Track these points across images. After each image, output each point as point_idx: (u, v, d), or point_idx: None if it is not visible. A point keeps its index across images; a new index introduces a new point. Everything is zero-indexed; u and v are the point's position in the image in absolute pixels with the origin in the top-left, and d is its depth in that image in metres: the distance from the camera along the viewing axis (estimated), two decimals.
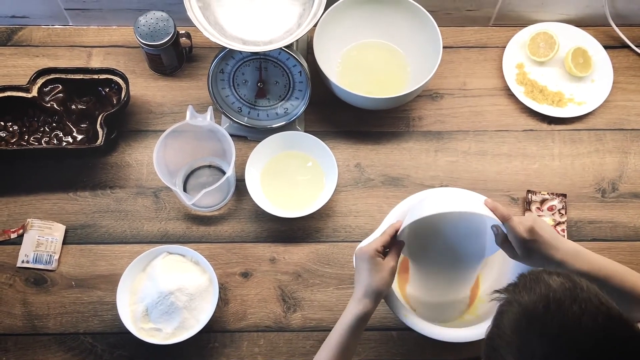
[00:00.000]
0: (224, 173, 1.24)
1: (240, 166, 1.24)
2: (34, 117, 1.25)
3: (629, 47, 1.36)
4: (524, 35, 1.36)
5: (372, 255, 0.95)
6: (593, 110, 1.31)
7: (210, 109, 1.16)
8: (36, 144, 1.24)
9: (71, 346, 1.15)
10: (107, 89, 1.26)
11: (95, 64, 1.34)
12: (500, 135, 1.30)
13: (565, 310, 0.67)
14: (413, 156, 1.28)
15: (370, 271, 0.94)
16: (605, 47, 1.35)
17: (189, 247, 1.15)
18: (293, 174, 1.25)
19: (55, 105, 1.25)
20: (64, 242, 1.21)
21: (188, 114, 1.15)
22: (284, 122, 1.25)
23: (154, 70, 1.34)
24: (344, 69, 1.33)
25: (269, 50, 1.10)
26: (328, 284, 1.19)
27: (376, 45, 1.35)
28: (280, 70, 1.20)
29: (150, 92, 1.32)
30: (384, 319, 1.16)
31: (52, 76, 1.24)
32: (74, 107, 1.26)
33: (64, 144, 1.25)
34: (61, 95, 1.25)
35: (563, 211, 1.22)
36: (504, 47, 1.36)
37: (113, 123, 1.24)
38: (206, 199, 1.18)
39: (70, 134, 1.26)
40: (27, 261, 1.18)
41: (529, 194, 1.24)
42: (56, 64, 1.33)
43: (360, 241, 1.04)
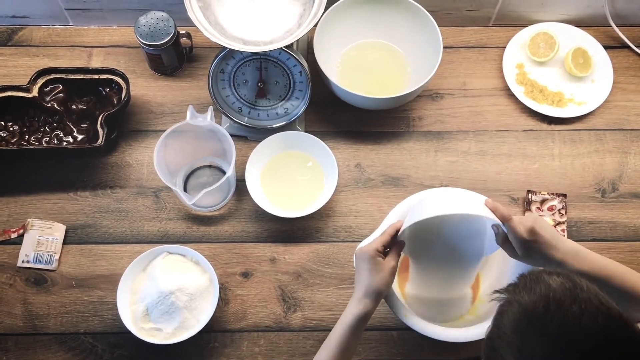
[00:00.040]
0: (224, 173, 1.24)
1: (240, 166, 1.24)
2: (35, 117, 1.25)
3: (629, 47, 1.36)
4: (524, 35, 1.36)
5: (372, 255, 0.95)
6: (593, 111, 1.31)
7: (210, 109, 1.17)
8: (36, 143, 1.24)
9: (71, 346, 1.15)
10: (107, 89, 1.26)
11: (96, 64, 1.34)
12: (500, 135, 1.30)
13: (565, 310, 0.67)
14: (413, 156, 1.28)
15: (371, 271, 0.95)
16: (605, 47, 1.35)
17: (189, 247, 1.15)
18: (293, 174, 1.25)
19: (55, 105, 1.25)
20: (65, 242, 1.21)
21: (188, 114, 1.15)
22: (284, 122, 1.25)
23: (154, 70, 1.34)
24: (344, 69, 1.33)
25: (269, 50, 1.10)
26: (328, 284, 1.19)
27: (376, 45, 1.35)
28: (280, 70, 1.20)
29: (151, 92, 1.32)
30: (384, 319, 1.16)
31: (52, 76, 1.24)
32: (74, 107, 1.26)
33: (65, 144, 1.25)
34: (62, 95, 1.25)
35: (563, 211, 1.22)
36: (504, 47, 1.36)
37: (113, 123, 1.24)
38: (206, 199, 1.18)
39: (70, 133, 1.26)
40: (28, 261, 1.19)
41: (529, 194, 1.24)
42: (57, 64, 1.33)
43: (361, 241, 1.04)
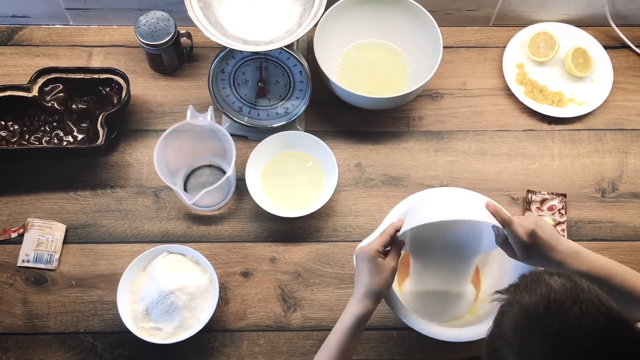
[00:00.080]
0: (224, 173, 1.24)
1: (240, 166, 1.24)
2: (35, 117, 1.25)
3: (629, 47, 1.36)
4: (524, 35, 1.36)
5: (372, 255, 0.94)
6: (593, 110, 1.31)
7: (210, 108, 1.17)
8: (37, 143, 1.24)
9: (71, 345, 1.15)
10: (107, 89, 1.26)
11: (96, 63, 1.34)
12: (500, 135, 1.31)
13: (566, 311, 0.67)
14: (413, 156, 1.28)
15: (371, 272, 0.94)
16: (605, 47, 1.35)
17: (190, 246, 1.15)
18: (293, 174, 1.25)
19: (55, 105, 1.25)
20: (65, 242, 1.21)
21: (188, 113, 1.16)
22: (284, 122, 1.25)
23: (154, 70, 1.34)
24: (344, 69, 1.33)
25: (270, 50, 1.10)
26: (328, 284, 1.19)
27: (376, 45, 1.35)
28: (280, 70, 1.20)
29: (151, 92, 1.33)
30: (384, 319, 1.16)
31: (52, 76, 1.24)
32: (74, 106, 1.26)
33: (65, 143, 1.25)
34: (62, 94, 1.25)
35: (563, 211, 1.22)
36: (504, 47, 1.36)
37: (113, 122, 1.24)
38: (206, 198, 1.18)
39: (70, 133, 1.26)
40: (28, 260, 1.19)
41: (529, 194, 1.24)
42: (57, 63, 1.33)
43: (361, 241, 1.04)
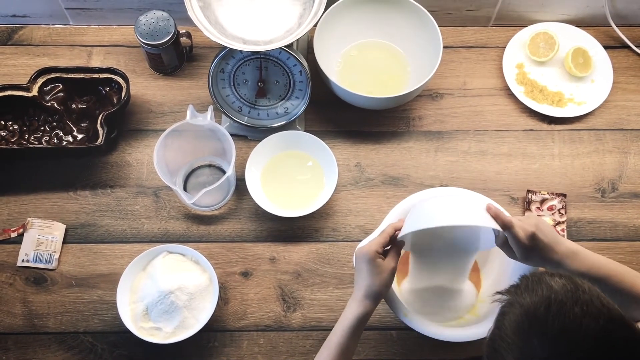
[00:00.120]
0: (224, 172, 1.24)
1: (240, 165, 1.24)
2: (35, 117, 1.25)
3: (629, 47, 1.36)
4: (524, 35, 1.36)
5: (372, 256, 0.94)
6: (593, 110, 1.31)
7: (210, 108, 1.17)
8: (36, 143, 1.24)
9: (71, 345, 1.15)
10: (107, 88, 1.26)
11: (96, 63, 1.34)
12: (500, 135, 1.30)
13: (567, 312, 0.67)
14: (413, 156, 1.28)
15: (371, 273, 0.94)
16: (605, 47, 1.35)
17: (189, 246, 1.15)
18: (293, 174, 1.25)
19: (55, 105, 1.25)
20: (64, 241, 1.21)
21: (188, 113, 1.15)
22: (284, 122, 1.25)
23: (154, 70, 1.34)
24: (344, 69, 1.33)
25: (270, 50, 1.10)
26: (328, 284, 1.19)
27: (376, 45, 1.35)
28: (280, 69, 1.20)
29: (151, 92, 1.32)
30: (384, 319, 1.16)
31: (52, 75, 1.24)
32: (74, 106, 1.26)
33: (65, 143, 1.25)
34: (61, 94, 1.25)
35: (563, 211, 1.22)
36: (504, 47, 1.36)
37: (113, 122, 1.24)
38: (206, 198, 1.18)
39: (70, 133, 1.26)
40: (27, 260, 1.19)
41: (529, 194, 1.24)
42: (56, 63, 1.33)
43: (360, 241, 1.04)
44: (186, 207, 1.24)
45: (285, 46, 1.12)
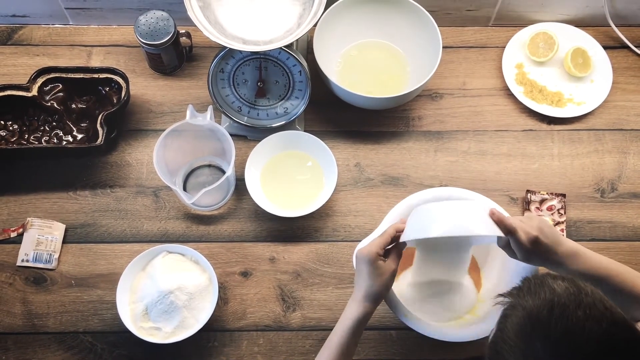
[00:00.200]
0: (223, 172, 1.24)
1: (240, 165, 1.24)
2: (34, 116, 1.25)
3: (628, 47, 1.37)
4: (523, 35, 1.36)
5: (373, 258, 0.93)
6: (592, 111, 1.31)
7: (210, 108, 1.17)
8: (36, 143, 1.24)
9: (71, 345, 1.15)
10: (107, 88, 1.26)
11: (96, 63, 1.34)
12: (499, 135, 1.31)
13: (570, 315, 0.67)
14: (413, 156, 1.28)
15: (371, 274, 0.94)
16: (605, 48, 1.35)
17: (189, 246, 1.15)
18: (293, 174, 1.25)
19: (55, 105, 1.25)
20: (64, 241, 1.21)
21: (188, 113, 1.15)
22: (283, 122, 1.25)
23: (154, 70, 1.34)
24: (344, 69, 1.33)
25: (269, 50, 1.10)
26: (327, 284, 1.19)
27: (376, 45, 1.35)
28: (280, 69, 1.20)
29: (150, 92, 1.32)
30: (383, 319, 1.16)
31: (52, 75, 1.24)
32: (74, 106, 1.26)
33: (64, 143, 1.25)
34: (61, 94, 1.25)
35: (562, 211, 1.23)
36: (504, 47, 1.36)
37: (113, 122, 1.24)
38: (206, 198, 1.18)
39: (70, 133, 1.26)
40: (27, 260, 1.19)
41: (529, 194, 1.24)
42: (56, 63, 1.33)
43: (360, 241, 1.04)
44: (186, 207, 1.24)
45: (285, 46, 1.12)
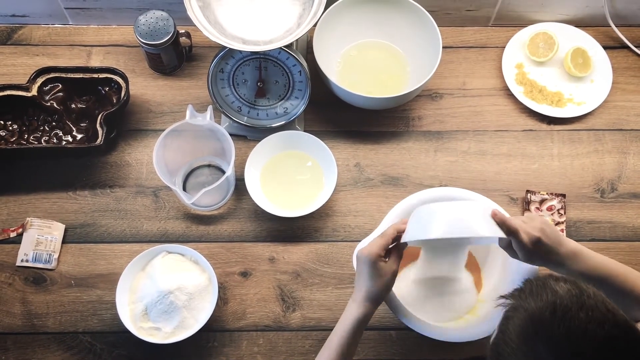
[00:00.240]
0: (223, 172, 1.24)
1: (239, 165, 1.24)
2: (34, 116, 1.25)
3: (628, 47, 1.36)
4: (523, 35, 1.36)
5: (374, 259, 0.92)
6: (592, 111, 1.31)
7: (210, 108, 1.17)
8: (36, 142, 1.24)
9: (70, 345, 1.15)
10: (106, 88, 1.26)
11: (95, 63, 1.34)
12: (499, 135, 1.30)
13: (572, 317, 0.67)
14: (412, 156, 1.28)
15: (372, 276, 0.93)
16: (605, 48, 1.35)
17: (189, 246, 1.15)
18: (292, 174, 1.25)
19: (55, 104, 1.25)
20: (64, 241, 1.21)
21: (188, 113, 1.15)
22: (283, 122, 1.25)
23: (153, 70, 1.34)
24: (344, 69, 1.33)
25: (269, 50, 1.10)
26: (327, 284, 1.19)
27: (376, 45, 1.35)
28: (280, 69, 1.20)
29: (150, 92, 1.32)
30: (383, 319, 1.16)
31: (51, 75, 1.24)
32: (73, 106, 1.26)
33: (64, 143, 1.25)
34: (61, 94, 1.25)
35: (562, 211, 1.22)
36: (504, 47, 1.36)
37: (113, 122, 1.24)
38: (206, 198, 1.18)
39: (70, 133, 1.26)
40: (27, 260, 1.18)
41: (528, 194, 1.24)
42: (56, 63, 1.33)
43: (360, 241, 1.04)
44: (185, 207, 1.24)
45: (284, 46, 1.12)
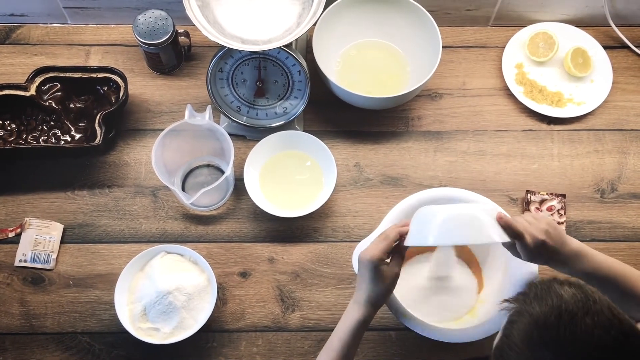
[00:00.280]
0: (222, 172, 1.24)
1: (239, 165, 1.23)
2: (32, 116, 1.25)
3: (628, 47, 1.36)
4: (523, 35, 1.36)
5: (376, 263, 0.91)
6: (592, 111, 1.31)
7: (209, 108, 1.16)
8: (34, 142, 1.24)
9: (69, 345, 1.14)
10: (105, 88, 1.25)
11: (94, 62, 1.34)
12: (499, 135, 1.30)
13: (578, 322, 0.67)
14: (412, 156, 1.28)
15: (374, 279, 0.92)
16: (605, 48, 1.35)
17: (188, 246, 1.14)
18: (292, 174, 1.24)
19: (53, 104, 1.24)
20: (62, 241, 1.20)
21: (187, 113, 1.15)
22: (283, 122, 1.25)
23: (152, 69, 1.34)
24: (343, 69, 1.33)
25: (268, 50, 1.10)
26: (327, 284, 1.19)
27: (376, 45, 1.35)
28: (279, 69, 1.19)
29: (149, 91, 1.32)
30: (382, 319, 1.16)
31: (50, 75, 1.23)
32: (72, 105, 1.26)
33: (62, 142, 1.25)
34: (59, 93, 1.25)
35: (562, 211, 1.22)
36: (504, 47, 1.36)
37: (111, 122, 1.24)
38: (205, 198, 1.18)
39: (68, 132, 1.26)
40: (25, 260, 1.18)
41: (528, 194, 1.23)
42: (54, 62, 1.33)
43: (359, 241, 1.04)
44: (184, 207, 1.24)
45: (284, 46, 1.12)
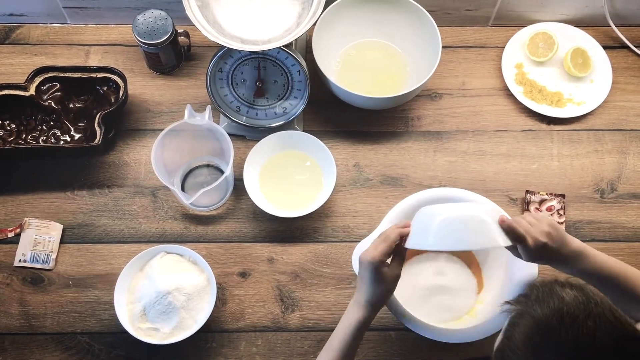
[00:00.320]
0: (222, 172, 1.24)
1: (238, 165, 1.23)
2: (32, 116, 1.25)
3: (628, 47, 1.36)
4: (523, 35, 1.36)
5: (377, 265, 0.91)
6: (592, 111, 1.31)
7: (208, 108, 1.16)
8: (34, 142, 1.24)
9: (68, 346, 1.14)
10: (105, 88, 1.25)
11: (93, 62, 1.34)
12: (499, 135, 1.30)
13: (580, 325, 0.67)
14: (412, 156, 1.28)
15: (375, 280, 0.92)
16: (605, 48, 1.35)
17: (187, 246, 1.14)
18: (291, 174, 1.24)
19: (53, 104, 1.24)
20: (62, 241, 1.20)
21: (186, 113, 1.15)
22: (282, 122, 1.25)
23: (152, 69, 1.34)
24: (343, 69, 1.33)
25: (268, 50, 1.10)
26: (326, 284, 1.19)
27: (375, 45, 1.35)
28: (279, 69, 1.19)
29: (149, 91, 1.32)
30: (382, 319, 1.16)
31: (49, 74, 1.23)
32: (71, 105, 1.26)
33: (62, 142, 1.25)
34: (59, 93, 1.25)
35: (562, 211, 1.22)
36: (503, 47, 1.35)
37: (111, 122, 1.24)
38: (204, 198, 1.18)
39: (68, 132, 1.25)
40: (25, 260, 1.18)
41: (528, 194, 1.23)
42: (54, 62, 1.33)
43: (359, 241, 1.04)
44: (184, 207, 1.24)
45: (283, 46, 1.12)
